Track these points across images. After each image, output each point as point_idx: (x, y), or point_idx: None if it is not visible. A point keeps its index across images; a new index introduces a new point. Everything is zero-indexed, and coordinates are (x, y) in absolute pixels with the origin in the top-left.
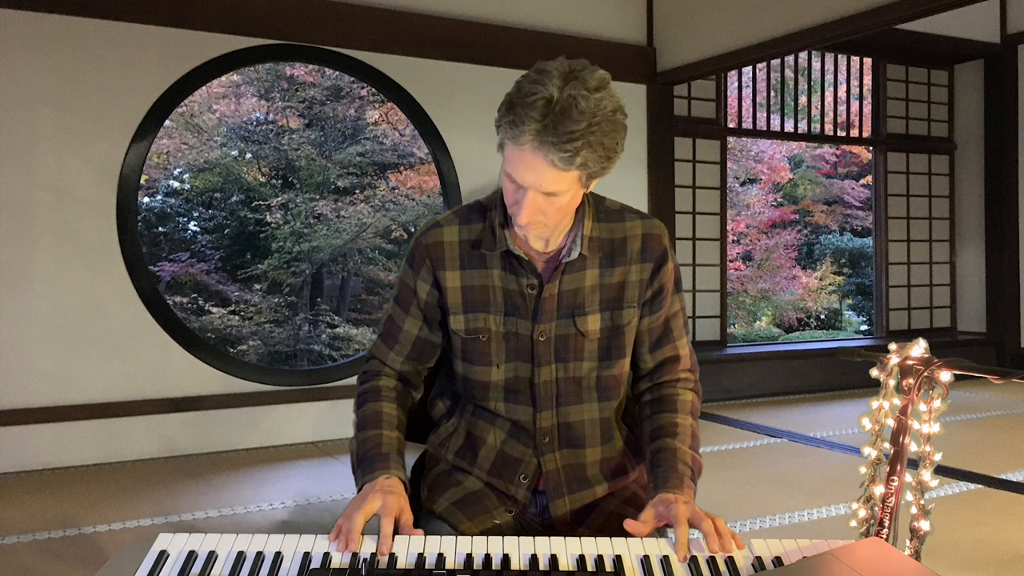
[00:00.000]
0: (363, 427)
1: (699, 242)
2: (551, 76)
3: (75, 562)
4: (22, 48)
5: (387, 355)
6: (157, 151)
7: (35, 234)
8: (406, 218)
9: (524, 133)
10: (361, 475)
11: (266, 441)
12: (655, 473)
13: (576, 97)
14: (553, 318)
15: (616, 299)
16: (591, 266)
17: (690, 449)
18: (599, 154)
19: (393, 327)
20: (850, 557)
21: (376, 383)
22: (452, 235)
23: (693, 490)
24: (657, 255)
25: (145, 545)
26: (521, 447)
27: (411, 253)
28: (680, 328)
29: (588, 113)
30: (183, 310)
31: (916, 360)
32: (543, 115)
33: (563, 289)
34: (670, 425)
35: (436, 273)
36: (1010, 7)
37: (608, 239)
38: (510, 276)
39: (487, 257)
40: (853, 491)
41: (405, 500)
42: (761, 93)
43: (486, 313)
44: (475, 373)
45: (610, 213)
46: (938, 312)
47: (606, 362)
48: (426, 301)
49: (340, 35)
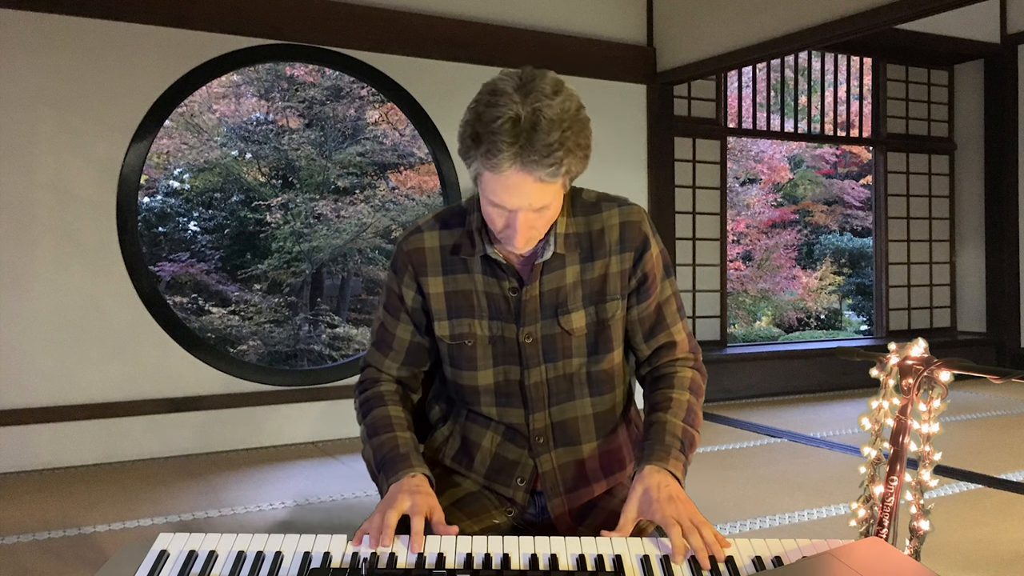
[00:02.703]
0: (375, 433)
1: (699, 242)
2: (506, 94)
3: (75, 562)
4: (22, 48)
5: (382, 362)
6: (157, 151)
7: (35, 234)
8: (406, 218)
9: (503, 160)
10: (385, 479)
11: (266, 441)
12: (643, 447)
13: (540, 108)
14: (537, 319)
15: (599, 293)
16: (570, 263)
17: (683, 422)
18: (578, 156)
19: (386, 334)
20: (850, 557)
21: (377, 389)
22: (433, 240)
23: (683, 462)
24: (637, 243)
25: (145, 545)
26: (516, 449)
27: (394, 259)
28: (674, 314)
29: (558, 121)
30: (183, 310)
31: (916, 360)
32: (515, 136)
33: (544, 289)
34: (664, 400)
35: (419, 279)
36: (1010, 7)
37: (586, 232)
38: (491, 280)
39: (468, 261)
40: (853, 491)
41: (434, 499)
42: (761, 93)
43: (471, 318)
44: (464, 378)
45: (586, 205)
46: (938, 312)
47: (595, 357)
48: (412, 307)
49: (340, 35)
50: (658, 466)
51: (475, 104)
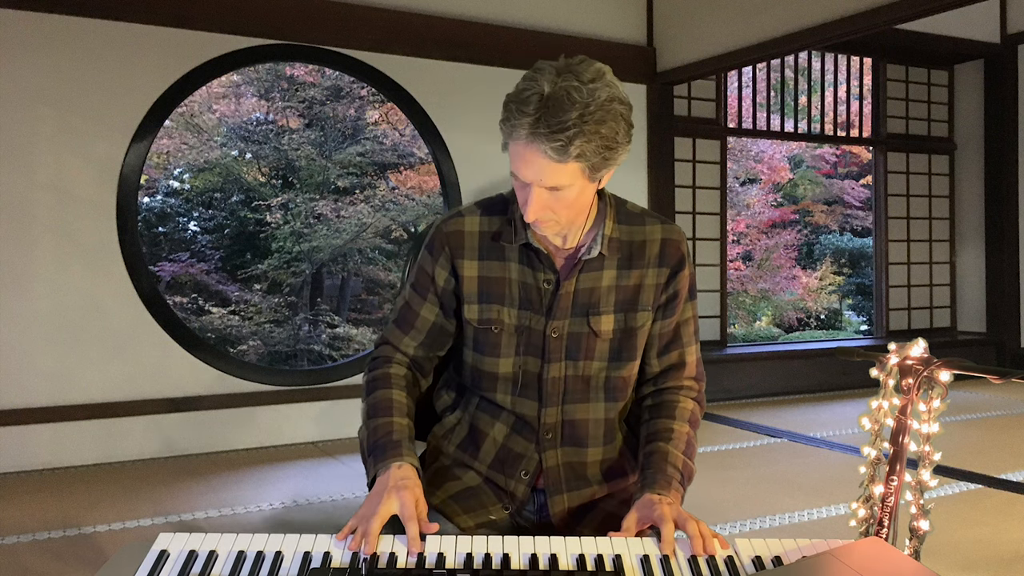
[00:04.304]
0: (373, 415)
1: (699, 242)
2: (545, 72)
3: (75, 562)
4: (22, 48)
5: (401, 340)
6: (157, 151)
7: (35, 234)
8: (406, 218)
9: (517, 128)
10: (373, 463)
11: (266, 441)
12: (644, 474)
13: (568, 88)
14: (567, 315)
15: (631, 301)
16: (609, 267)
17: (683, 455)
18: (596, 144)
19: (409, 313)
20: (850, 557)
21: (387, 370)
22: (473, 225)
23: (681, 494)
24: (675, 260)
25: (145, 545)
26: (524, 442)
27: (431, 240)
28: (690, 335)
29: (580, 103)
30: (183, 310)
31: (916, 360)
32: (536, 109)
33: (579, 287)
34: (666, 430)
35: (454, 261)
36: (1010, 7)
37: (627, 241)
38: (527, 270)
39: (506, 249)
40: (853, 491)
41: (420, 490)
42: (761, 93)
43: (500, 305)
44: (485, 364)
45: (631, 216)
46: (938, 312)
47: (616, 363)
48: (443, 288)
49: (340, 35)
50: (659, 494)
51: (521, 79)
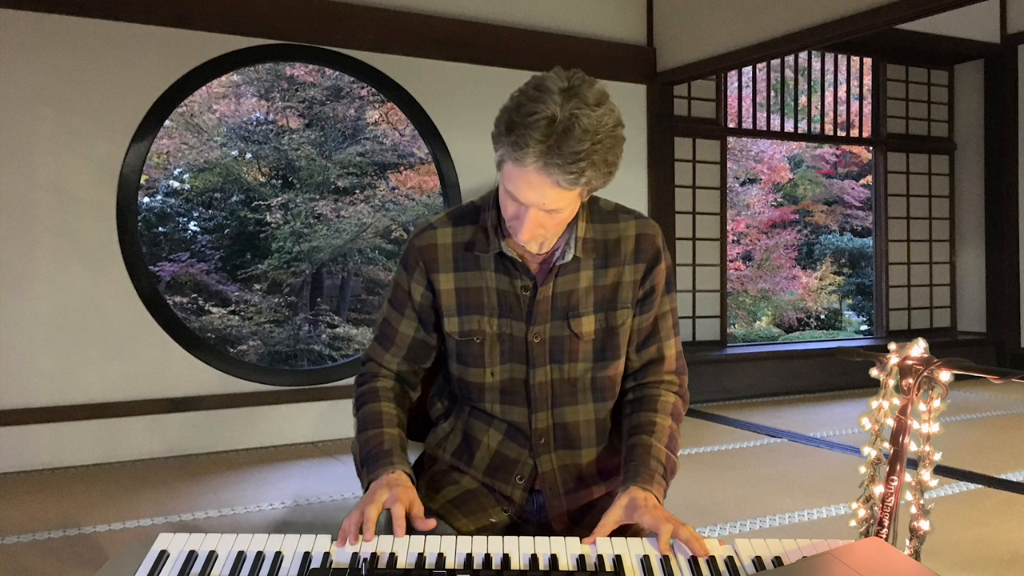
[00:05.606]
0: (364, 428)
1: (699, 242)
2: (550, 93)
3: (75, 562)
4: (22, 48)
5: (383, 357)
6: (157, 151)
7: (35, 234)
8: (406, 218)
9: (528, 155)
10: (366, 474)
11: (266, 441)
12: (627, 467)
13: (578, 116)
14: (547, 320)
15: (610, 300)
16: (585, 267)
17: (666, 448)
18: (602, 171)
19: (389, 329)
20: (850, 557)
21: (374, 384)
22: (446, 237)
23: (664, 487)
24: (650, 255)
25: (145, 545)
26: (517, 448)
27: (405, 255)
28: (668, 329)
29: (591, 132)
30: (183, 310)
31: (916, 360)
32: (546, 136)
33: (557, 291)
34: (648, 423)
35: (430, 276)
36: (1010, 7)
37: (602, 240)
38: (504, 278)
39: (480, 259)
40: (853, 491)
41: (414, 492)
42: (761, 93)
43: (480, 315)
44: (470, 375)
45: (604, 214)
46: (938, 312)
47: (601, 363)
48: (420, 303)
49: (340, 35)
50: (642, 487)
51: (519, 94)
